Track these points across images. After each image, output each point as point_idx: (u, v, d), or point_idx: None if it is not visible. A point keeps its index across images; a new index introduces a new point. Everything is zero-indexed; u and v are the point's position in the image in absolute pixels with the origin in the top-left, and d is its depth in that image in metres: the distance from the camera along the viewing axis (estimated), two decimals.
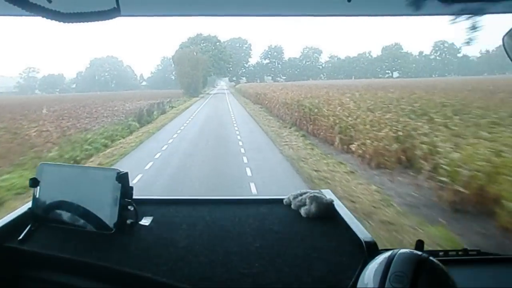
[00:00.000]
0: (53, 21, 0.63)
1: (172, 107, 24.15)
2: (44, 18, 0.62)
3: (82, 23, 0.67)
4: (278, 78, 70.93)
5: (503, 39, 0.88)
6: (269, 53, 72.62)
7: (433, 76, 55.90)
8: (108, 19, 0.70)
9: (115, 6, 0.69)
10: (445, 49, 59.47)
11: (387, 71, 66.18)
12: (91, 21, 0.68)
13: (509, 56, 0.88)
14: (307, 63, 70.74)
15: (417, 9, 0.91)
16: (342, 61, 69.82)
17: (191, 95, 38.43)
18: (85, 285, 0.93)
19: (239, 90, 47.49)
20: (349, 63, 68.32)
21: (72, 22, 0.64)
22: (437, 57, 60.77)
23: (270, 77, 72.06)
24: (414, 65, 61.67)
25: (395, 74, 64.80)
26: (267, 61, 73.36)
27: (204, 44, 51.88)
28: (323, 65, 72.42)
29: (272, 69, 72.02)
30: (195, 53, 44.93)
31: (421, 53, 63.32)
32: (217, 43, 55.05)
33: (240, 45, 70.82)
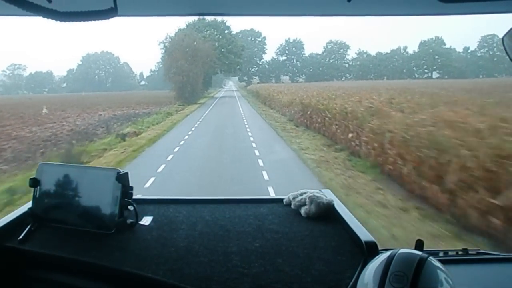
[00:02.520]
0: (51, 20, 0.73)
1: (119, 140, 12.40)
2: (43, 18, 0.72)
3: (79, 22, 0.77)
4: (297, 78, 69.43)
5: (503, 39, 1.02)
6: (287, 48, 69.84)
7: (480, 76, 53.82)
8: (105, 19, 0.81)
9: (112, 6, 0.80)
10: (495, 45, 57.73)
11: (425, 70, 64.42)
12: (88, 21, 0.79)
13: (509, 57, 1.02)
14: (331, 60, 68.88)
15: (417, 9, 1.07)
16: (372, 58, 67.81)
17: (187, 101, 32.22)
18: (85, 285, 1.06)
19: (256, 94, 39.90)
20: (381, 61, 66.30)
21: (69, 21, 0.75)
22: (485, 54, 59.03)
23: (287, 77, 69.55)
24: (457, 64, 59.57)
25: (434, 74, 62.57)
26: (284, 57, 70.02)
27: (208, 32, 44.25)
28: (350, 63, 70.18)
29: (290, 67, 69.12)
30: (195, 43, 36.52)
31: (466, 49, 61.07)
32: (226, 31, 47.66)
33: (253, 39, 67.09)
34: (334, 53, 69.50)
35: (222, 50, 46.97)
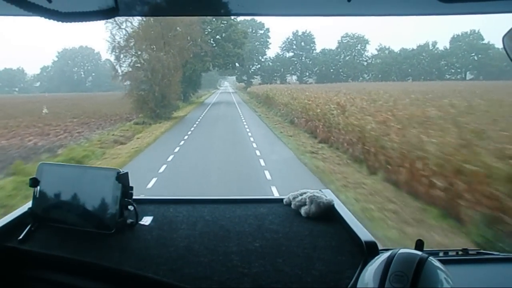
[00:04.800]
0: (52, 20, 0.84)
1: None
2: (43, 18, 0.83)
3: (80, 22, 0.90)
4: (306, 78, 66.44)
5: (503, 39, 1.20)
6: (294, 42, 68.10)
7: None
8: (106, 18, 0.95)
9: (114, 6, 0.93)
10: None
11: (458, 70, 62.83)
12: (89, 21, 0.91)
13: (509, 57, 1.20)
14: (347, 57, 68.02)
15: (417, 9, 1.26)
16: (396, 55, 66.96)
17: (154, 115, 23.17)
18: (85, 285, 1.21)
19: (264, 99, 32.05)
20: (405, 58, 65.54)
21: (70, 22, 0.87)
22: None
23: (295, 76, 65.66)
24: (496, 62, 57.96)
25: (468, 75, 60.89)
26: (291, 53, 68.15)
27: None
28: (370, 61, 69.30)
29: (298, 65, 67.31)
30: (178, 28, 27.35)
31: None
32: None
33: (254, 31, 63.41)
34: (351, 49, 67.86)
35: (217, 37, 39.56)
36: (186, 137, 16.05)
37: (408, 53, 66.57)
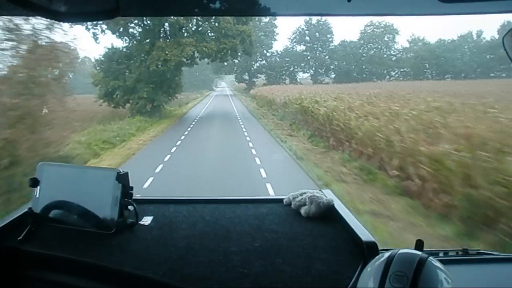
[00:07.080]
0: (53, 21, 1.18)
1: None
2: (45, 18, 1.16)
3: (81, 22, 1.23)
4: (322, 77, 63.97)
5: (503, 39, 1.46)
6: (307, 33, 66.15)
7: None
8: (108, 18, 1.15)
9: (115, 5, 1.08)
10: None
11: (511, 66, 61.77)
12: (90, 21, 1.23)
13: (509, 57, 1.47)
14: (371, 51, 66.47)
15: (417, 9, 1.54)
16: (432, 47, 65.21)
17: None
18: (85, 285, 1.45)
19: (298, 115, 20.58)
20: (444, 51, 63.82)
21: (72, 22, 1.20)
22: None
23: (307, 74, 62.96)
24: None
25: None
26: (302, 47, 66.07)
27: None
28: (400, 55, 67.40)
29: (312, 60, 65.09)
30: None
31: None
32: None
33: (257, 19, 56.83)
34: (377, 41, 66.19)
35: (209, 5, 31.10)
36: None
37: (448, 45, 65.09)
